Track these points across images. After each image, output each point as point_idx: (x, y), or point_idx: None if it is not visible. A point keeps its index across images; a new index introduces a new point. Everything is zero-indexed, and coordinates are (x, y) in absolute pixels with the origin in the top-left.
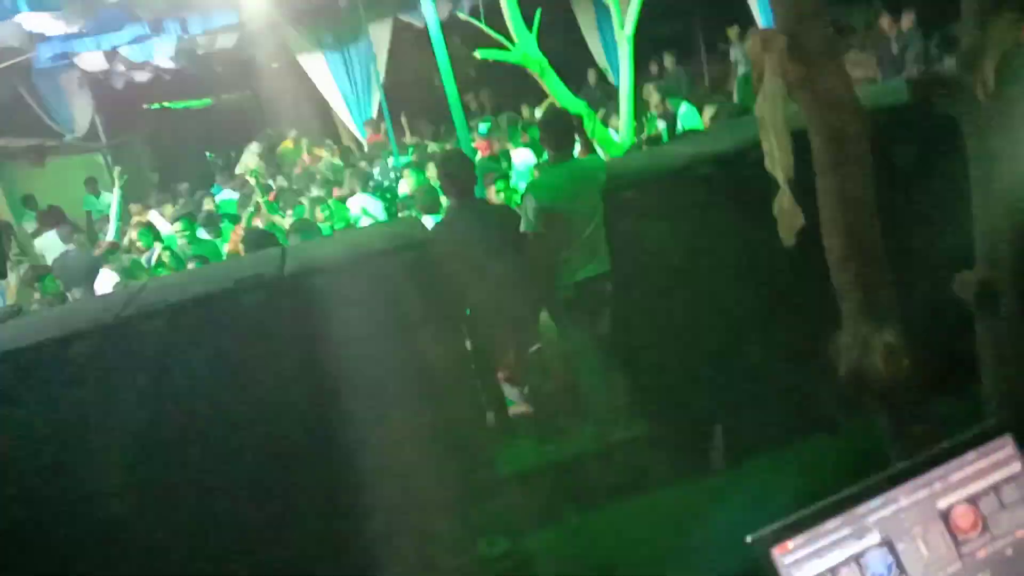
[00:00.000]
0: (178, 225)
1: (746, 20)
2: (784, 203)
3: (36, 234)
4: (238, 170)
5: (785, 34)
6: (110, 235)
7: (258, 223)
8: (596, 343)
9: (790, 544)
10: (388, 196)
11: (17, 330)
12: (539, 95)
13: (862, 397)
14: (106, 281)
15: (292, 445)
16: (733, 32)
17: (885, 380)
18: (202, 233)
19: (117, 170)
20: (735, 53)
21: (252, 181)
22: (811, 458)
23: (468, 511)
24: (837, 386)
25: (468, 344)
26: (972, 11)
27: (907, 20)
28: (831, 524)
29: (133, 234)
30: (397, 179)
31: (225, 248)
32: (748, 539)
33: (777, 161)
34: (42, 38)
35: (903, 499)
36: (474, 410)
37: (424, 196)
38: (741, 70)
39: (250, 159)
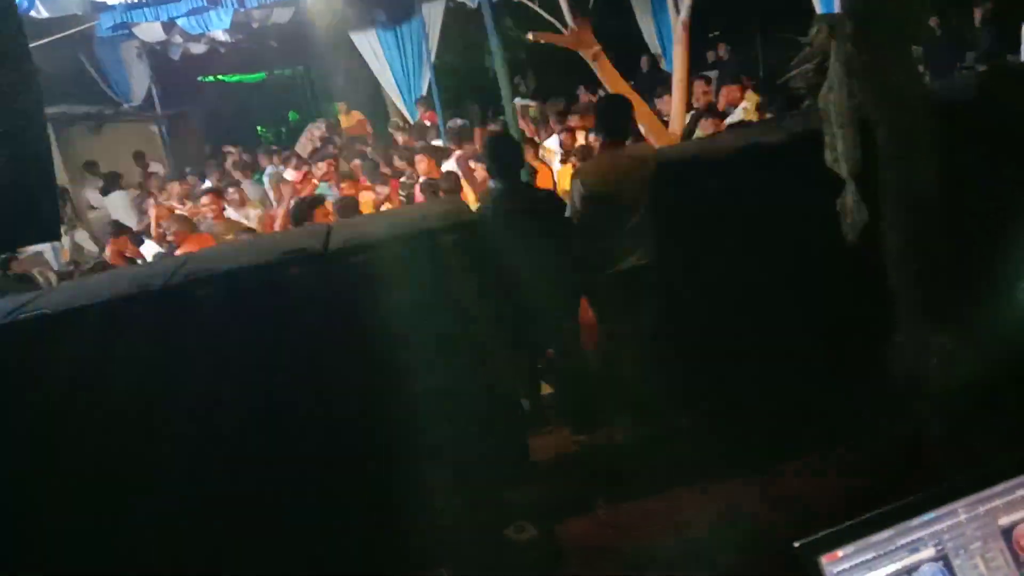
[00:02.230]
0: None
1: (805, 7)
2: (848, 199)
3: (104, 192)
4: (297, 148)
5: (853, 19)
6: None
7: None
8: (636, 334)
9: (840, 552)
10: None
11: (71, 292)
12: (589, 80)
13: (915, 401)
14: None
15: (324, 421)
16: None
17: (941, 384)
18: None
19: None
20: None
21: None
22: (855, 463)
23: (498, 494)
24: (889, 388)
25: (508, 328)
26: None
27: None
28: (884, 535)
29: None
30: None
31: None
32: (796, 544)
33: (841, 155)
34: (104, 7)
35: (962, 513)
36: (510, 394)
37: None
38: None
39: (307, 143)
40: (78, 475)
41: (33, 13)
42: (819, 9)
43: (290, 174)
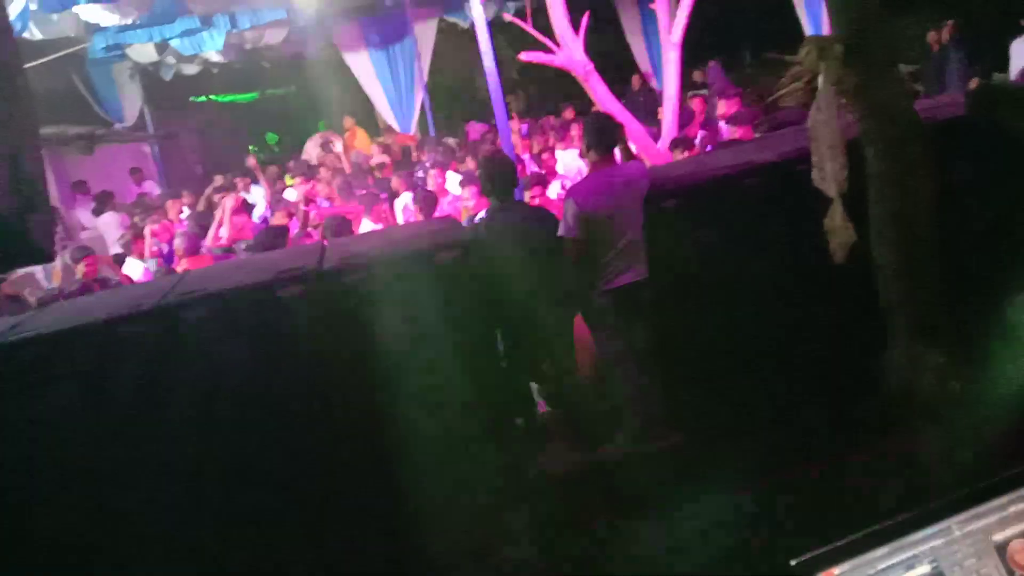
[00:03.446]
0: None
1: (794, 29)
2: (836, 218)
3: (96, 213)
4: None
5: (842, 41)
6: None
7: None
8: (630, 351)
9: (836, 571)
10: None
11: (64, 312)
12: (582, 98)
13: (908, 418)
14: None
15: (312, 440)
16: None
17: (935, 402)
18: None
19: None
20: None
21: None
22: (849, 479)
23: (494, 511)
24: (881, 405)
25: (501, 346)
26: None
27: (946, 33)
28: (880, 552)
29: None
30: None
31: None
32: (792, 563)
33: (829, 174)
34: (97, 28)
35: (956, 530)
36: (503, 412)
37: None
38: None
39: (313, 150)
40: (66, 487)
41: (27, 35)
42: (808, 30)
43: (291, 194)
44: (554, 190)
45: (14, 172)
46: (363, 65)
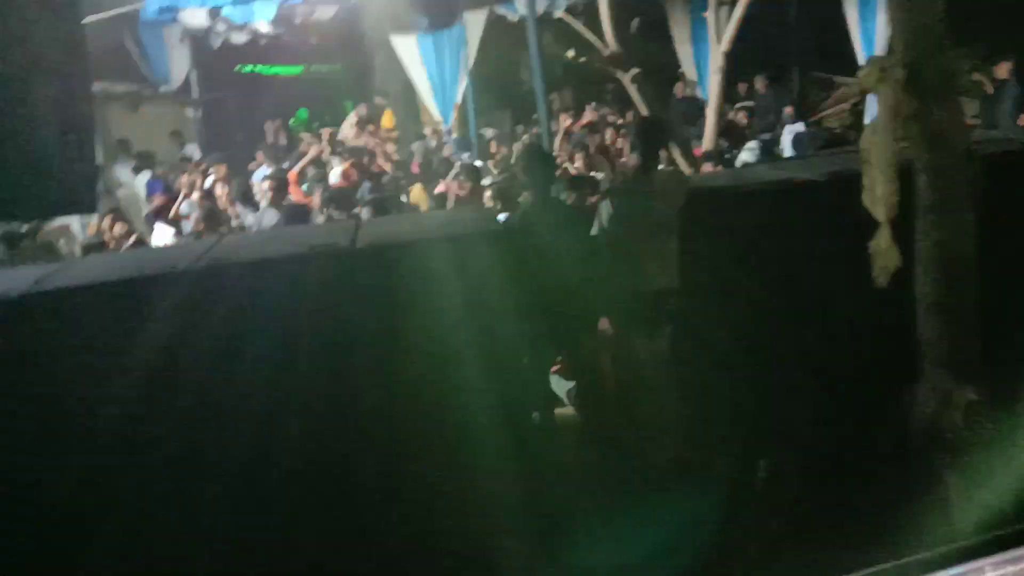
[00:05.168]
0: None
1: (847, 50)
2: (882, 241)
3: (136, 171)
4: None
5: (905, 65)
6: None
7: None
8: (653, 358)
9: None
10: None
11: (98, 266)
12: (620, 101)
13: (933, 453)
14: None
15: (329, 420)
16: None
17: (960, 440)
18: None
19: None
20: None
21: None
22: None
23: (501, 502)
24: (905, 438)
25: (525, 341)
26: None
27: (1004, 70)
28: None
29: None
30: None
31: None
32: None
33: (879, 198)
34: None
35: (989, 571)
36: (522, 405)
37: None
38: None
39: (348, 129)
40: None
41: None
42: (861, 52)
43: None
44: None
45: (63, 119)
46: (409, 48)
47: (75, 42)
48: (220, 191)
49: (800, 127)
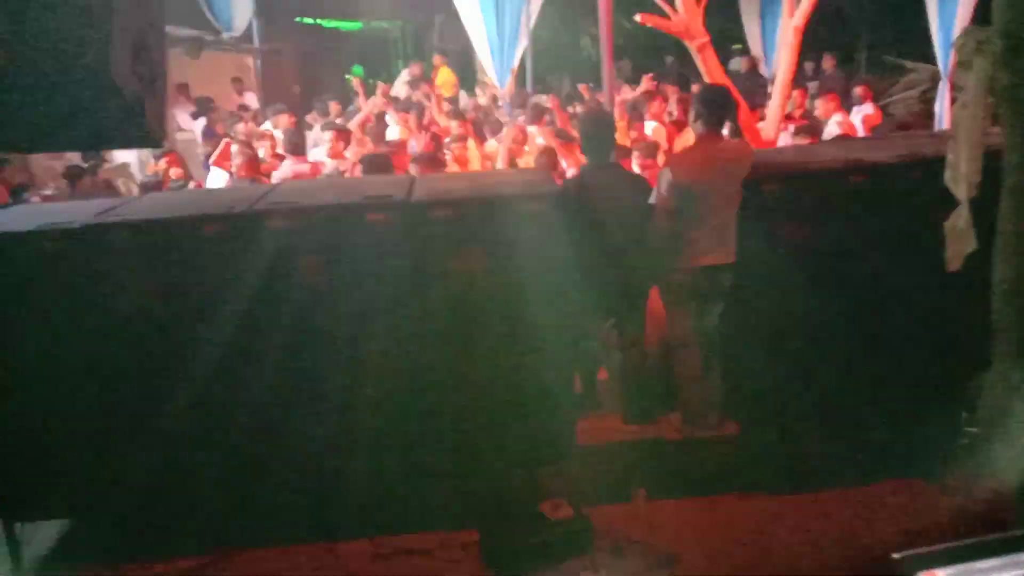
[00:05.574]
0: None
1: (921, 32)
2: (960, 222)
3: (195, 116)
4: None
5: (1005, 37)
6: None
7: None
8: (701, 334)
9: (940, 572)
10: None
11: (158, 203)
12: (677, 75)
13: (994, 441)
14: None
15: (372, 366)
16: None
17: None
18: None
19: None
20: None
21: None
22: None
23: (540, 466)
24: (967, 424)
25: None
26: None
27: None
28: (989, 563)
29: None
30: None
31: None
32: (895, 555)
33: (962, 175)
34: None
35: None
36: (566, 372)
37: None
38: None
39: (401, 87)
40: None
41: None
42: (936, 33)
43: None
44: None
45: (138, 51)
46: (471, 6)
47: None
48: (274, 140)
49: (868, 108)
